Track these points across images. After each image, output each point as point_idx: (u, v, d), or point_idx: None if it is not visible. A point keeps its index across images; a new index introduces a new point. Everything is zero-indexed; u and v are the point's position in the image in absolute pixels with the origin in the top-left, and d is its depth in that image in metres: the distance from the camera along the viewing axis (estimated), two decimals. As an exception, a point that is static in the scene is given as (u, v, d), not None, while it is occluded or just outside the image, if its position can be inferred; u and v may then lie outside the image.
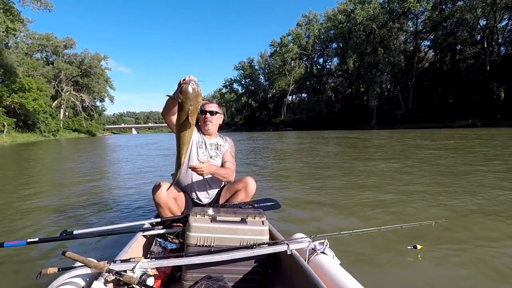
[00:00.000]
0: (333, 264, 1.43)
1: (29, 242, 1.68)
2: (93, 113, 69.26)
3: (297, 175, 6.21)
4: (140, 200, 4.42)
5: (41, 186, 6.12)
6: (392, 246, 2.22)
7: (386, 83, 51.85)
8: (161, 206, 2.06)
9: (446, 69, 43.34)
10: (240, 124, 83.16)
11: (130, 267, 1.42)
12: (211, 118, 2.33)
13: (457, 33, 39.99)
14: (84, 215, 3.81)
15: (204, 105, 2.33)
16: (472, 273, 1.93)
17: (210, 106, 2.35)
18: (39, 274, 1.40)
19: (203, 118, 2.32)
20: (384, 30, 47.06)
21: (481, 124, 30.09)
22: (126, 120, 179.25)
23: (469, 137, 15.41)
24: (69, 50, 64.86)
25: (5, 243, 1.64)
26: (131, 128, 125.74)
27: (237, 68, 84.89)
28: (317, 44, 63.53)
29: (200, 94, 1.54)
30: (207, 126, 2.32)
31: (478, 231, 2.59)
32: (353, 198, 3.93)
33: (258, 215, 1.68)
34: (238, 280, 1.62)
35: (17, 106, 36.45)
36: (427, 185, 4.55)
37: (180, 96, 1.49)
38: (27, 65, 44.54)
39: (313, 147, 13.89)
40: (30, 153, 16.22)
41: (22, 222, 3.65)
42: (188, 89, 1.48)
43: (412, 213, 3.12)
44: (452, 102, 39.93)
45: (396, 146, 12.24)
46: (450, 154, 8.62)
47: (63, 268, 1.44)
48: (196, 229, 1.59)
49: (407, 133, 22.13)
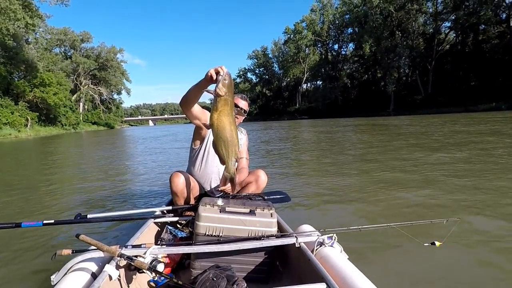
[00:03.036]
0: (340, 258, 1.42)
1: (45, 223, 1.75)
2: (111, 106, 70.84)
3: (310, 167, 6.14)
4: (153, 189, 4.55)
5: (62, 175, 6.43)
6: (403, 243, 2.17)
7: (404, 67, 50.12)
8: (178, 195, 2.12)
9: (468, 51, 41.35)
10: (255, 113, 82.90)
11: (141, 253, 1.46)
12: (239, 116, 2.30)
13: (480, 12, 37.80)
14: (99, 200, 4.00)
15: (235, 99, 2.25)
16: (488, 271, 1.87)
17: (242, 103, 2.31)
18: (54, 255, 1.46)
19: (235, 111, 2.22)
20: (402, 13, 45.17)
21: (505, 107, 28.72)
22: (142, 112, 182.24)
23: (501, 121, 14.71)
24: (86, 44, 66.12)
25: (22, 223, 1.72)
26: (148, 120, 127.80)
27: (250, 57, 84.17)
28: (332, 30, 61.96)
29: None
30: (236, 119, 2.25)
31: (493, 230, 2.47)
32: (367, 192, 3.82)
33: (267, 207, 1.69)
34: (246, 271, 1.64)
35: (38, 101, 37.68)
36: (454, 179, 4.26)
37: (224, 89, 1.38)
38: (47, 60, 45.75)
39: (330, 136, 13.72)
40: (52, 146, 16.87)
41: (41, 204, 3.90)
42: (231, 82, 1.41)
43: (426, 210, 3.00)
44: (475, 85, 38.13)
45: (419, 133, 11.89)
46: (488, 142, 8.29)
47: (77, 250, 1.50)
48: (205, 219, 1.62)
49: (429, 119, 21.32)
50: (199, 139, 2.32)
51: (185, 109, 1.92)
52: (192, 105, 1.89)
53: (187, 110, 1.93)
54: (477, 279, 1.80)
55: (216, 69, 1.45)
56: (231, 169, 1.57)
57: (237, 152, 1.53)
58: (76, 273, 1.34)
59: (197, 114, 2.01)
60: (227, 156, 1.51)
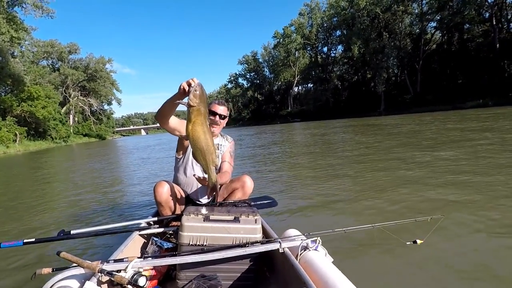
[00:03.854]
0: (324, 262, 1.41)
1: (26, 242, 1.70)
2: (102, 117, 70.25)
3: (298, 171, 6.13)
4: (141, 200, 4.50)
5: (48, 190, 6.29)
6: (387, 243, 2.18)
7: (393, 67, 50.84)
8: (162, 205, 2.07)
9: (454, 50, 42.17)
10: (247, 118, 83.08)
11: (123, 267, 1.42)
12: (219, 122, 2.24)
13: (464, 12, 38.67)
14: (85, 215, 3.92)
15: (212, 105, 2.22)
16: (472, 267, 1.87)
17: (220, 109, 2.23)
18: (33, 274, 1.41)
19: (211, 120, 2.16)
20: (389, 14, 45.98)
21: (492, 104, 29.27)
22: (134, 122, 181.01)
23: (490, 118, 14.98)
24: (74, 55, 65.59)
25: (1, 244, 1.66)
26: (140, 130, 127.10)
27: (241, 62, 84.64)
28: (321, 33, 62.64)
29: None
30: (213, 128, 2.19)
31: (475, 225, 2.48)
32: (353, 194, 3.81)
33: (251, 213, 1.68)
34: (232, 279, 1.62)
35: (27, 115, 37.09)
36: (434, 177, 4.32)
37: (195, 100, 1.45)
38: (34, 73, 45.25)
39: (320, 139, 13.79)
40: (42, 160, 16.60)
41: (24, 222, 3.80)
42: (202, 92, 1.47)
43: (411, 209, 3.01)
44: (462, 83, 38.88)
45: (410, 132, 12.02)
46: (479, 137, 8.41)
47: (57, 268, 1.46)
48: (189, 229, 1.59)
49: (420, 117, 21.59)
50: (182, 149, 2.31)
51: (161, 123, 1.90)
52: (167, 119, 1.88)
53: (163, 124, 1.91)
54: (458, 275, 1.80)
55: (188, 81, 1.51)
56: (212, 178, 1.64)
57: (214, 159, 1.57)
58: None
59: (176, 126, 1.99)
60: (206, 165, 1.56)
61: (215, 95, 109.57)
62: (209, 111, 2.16)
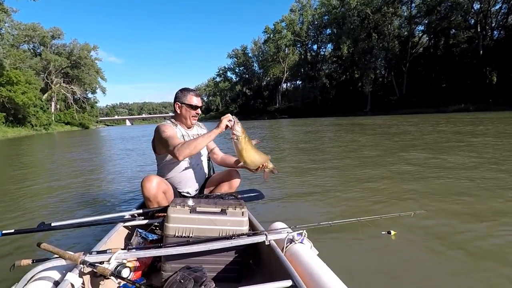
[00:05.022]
0: (309, 255, 1.42)
1: (4, 233, 1.65)
2: (85, 106, 68.23)
3: (286, 165, 6.17)
4: (125, 192, 4.40)
5: (27, 180, 6.06)
6: (370, 236, 2.25)
7: (380, 69, 51.75)
8: (150, 200, 2.02)
9: (440, 54, 43.29)
10: (235, 113, 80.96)
11: (106, 259, 1.39)
12: (198, 113, 2.28)
13: (451, 17, 39.74)
14: (66, 207, 3.80)
15: (191, 98, 2.21)
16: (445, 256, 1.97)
17: (199, 100, 2.25)
18: (12, 266, 1.38)
19: (193, 113, 2.21)
20: (378, 15, 46.61)
21: (473, 109, 30.34)
22: (119, 112, 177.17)
23: (472, 122, 15.48)
24: (57, 40, 63.24)
25: None
26: (125, 120, 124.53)
27: (230, 56, 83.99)
28: (311, 30, 62.88)
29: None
30: (194, 121, 2.26)
31: (455, 219, 2.60)
32: (340, 188, 3.90)
33: (238, 206, 1.67)
34: (217, 270, 1.61)
35: (5, 100, 35.70)
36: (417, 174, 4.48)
37: (240, 131, 1.83)
38: (14, 57, 43.32)
39: (308, 135, 13.90)
40: (20, 148, 16.02)
41: (2, 212, 3.62)
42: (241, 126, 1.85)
43: (394, 204, 3.10)
44: (446, 87, 40.01)
45: (395, 132, 12.28)
46: (453, 139, 8.65)
47: (37, 260, 1.42)
48: (175, 220, 1.57)
49: (405, 119, 22.16)
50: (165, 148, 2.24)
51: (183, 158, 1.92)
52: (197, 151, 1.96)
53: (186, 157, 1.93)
54: (439, 267, 1.86)
55: (227, 118, 1.87)
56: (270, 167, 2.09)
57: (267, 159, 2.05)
58: (36, 283, 1.27)
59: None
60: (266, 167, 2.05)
61: (202, 88, 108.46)
62: (191, 106, 2.20)
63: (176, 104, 2.21)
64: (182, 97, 2.20)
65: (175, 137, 2.02)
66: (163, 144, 2.04)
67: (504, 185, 3.59)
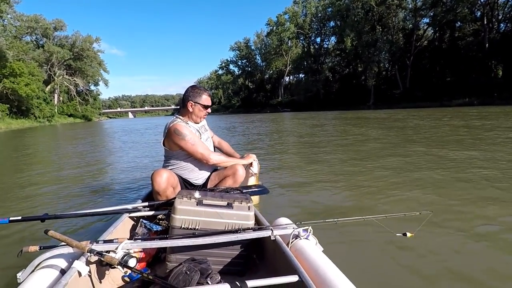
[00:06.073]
0: (315, 251, 1.43)
1: (11, 220, 1.68)
2: (88, 98, 68.17)
3: (290, 159, 6.15)
4: (130, 184, 4.43)
5: (33, 170, 6.13)
6: (377, 235, 2.22)
7: (384, 62, 51.20)
8: (160, 194, 2.06)
9: (445, 47, 42.71)
10: (238, 106, 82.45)
11: (112, 248, 1.41)
12: (209, 112, 2.39)
13: (457, 9, 39.04)
14: (72, 197, 3.84)
15: (205, 98, 2.28)
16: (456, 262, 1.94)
17: (210, 100, 2.34)
18: (20, 252, 1.40)
19: (205, 112, 2.33)
20: (383, 7, 45.93)
21: (477, 103, 29.99)
22: (121, 104, 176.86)
23: (477, 116, 15.33)
24: (60, 32, 62.82)
25: None
26: (127, 112, 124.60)
27: (233, 48, 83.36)
28: (314, 23, 62.16)
29: None
30: (202, 119, 2.38)
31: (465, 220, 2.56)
32: (346, 185, 3.86)
33: (244, 200, 1.68)
34: (222, 263, 1.63)
35: (9, 92, 35.75)
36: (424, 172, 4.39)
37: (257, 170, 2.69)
38: (17, 48, 43.16)
39: (312, 129, 13.85)
40: (25, 139, 16.12)
41: (9, 200, 3.71)
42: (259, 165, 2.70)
43: (401, 203, 3.06)
44: (450, 80, 39.55)
45: (397, 128, 12.21)
46: (463, 134, 8.59)
47: (45, 246, 1.44)
48: (181, 212, 1.58)
49: (408, 113, 21.91)
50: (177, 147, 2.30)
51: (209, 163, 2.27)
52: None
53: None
54: (445, 268, 1.85)
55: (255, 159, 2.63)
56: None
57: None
58: (44, 270, 1.29)
59: None
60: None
61: (205, 81, 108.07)
62: (204, 106, 2.27)
63: (189, 103, 2.24)
64: (196, 96, 2.24)
65: (200, 142, 2.22)
66: (186, 147, 2.16)
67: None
